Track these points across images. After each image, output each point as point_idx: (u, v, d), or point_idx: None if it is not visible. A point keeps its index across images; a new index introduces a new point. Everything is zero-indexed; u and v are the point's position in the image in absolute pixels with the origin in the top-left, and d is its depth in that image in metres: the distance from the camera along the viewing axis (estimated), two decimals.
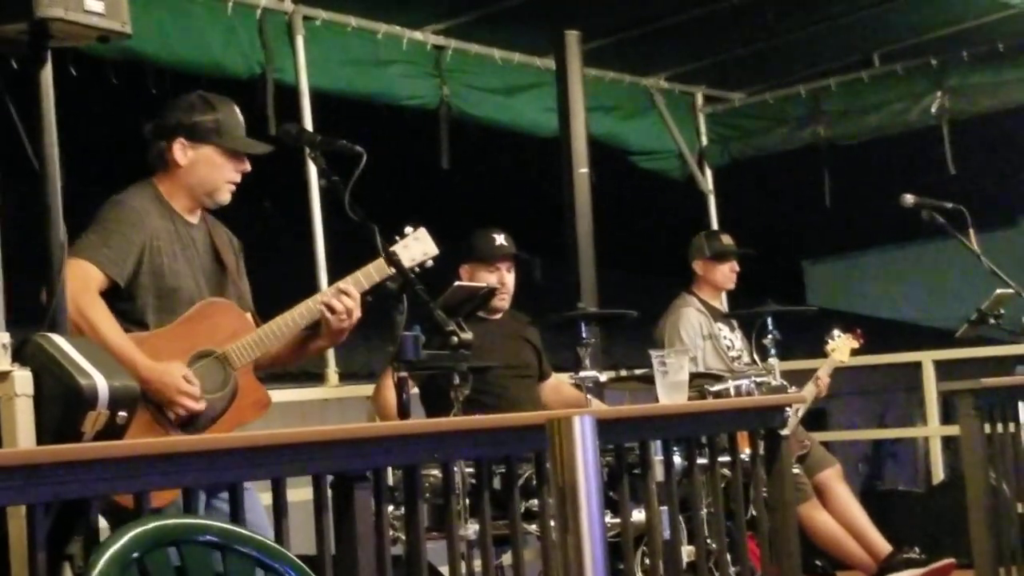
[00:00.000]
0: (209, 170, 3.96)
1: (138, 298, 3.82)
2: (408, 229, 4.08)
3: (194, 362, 3.82)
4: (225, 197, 4.01)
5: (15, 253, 3.23)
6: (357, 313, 3.98)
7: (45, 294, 3.37)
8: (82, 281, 3.69)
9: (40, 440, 3.08)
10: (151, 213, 3.89)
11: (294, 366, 4.24)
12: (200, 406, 3.78)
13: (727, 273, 6.60)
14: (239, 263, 4.11)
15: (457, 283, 4.60)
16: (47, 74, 3.41)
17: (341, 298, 3.96)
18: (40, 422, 3.10)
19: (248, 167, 4.02)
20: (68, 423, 3.13)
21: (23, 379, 3.10)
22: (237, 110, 4.03)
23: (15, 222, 3.25)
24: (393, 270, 3.86)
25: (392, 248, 3.92)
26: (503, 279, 5.41)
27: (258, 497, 3.79)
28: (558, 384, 5.66)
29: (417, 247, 4.06)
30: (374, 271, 3.98)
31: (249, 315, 4.05)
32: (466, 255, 5.43)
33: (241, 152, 3.98)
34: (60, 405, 3.13)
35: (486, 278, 5.26)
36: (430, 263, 4.07)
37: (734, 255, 6.60)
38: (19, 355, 3.16)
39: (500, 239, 5.43)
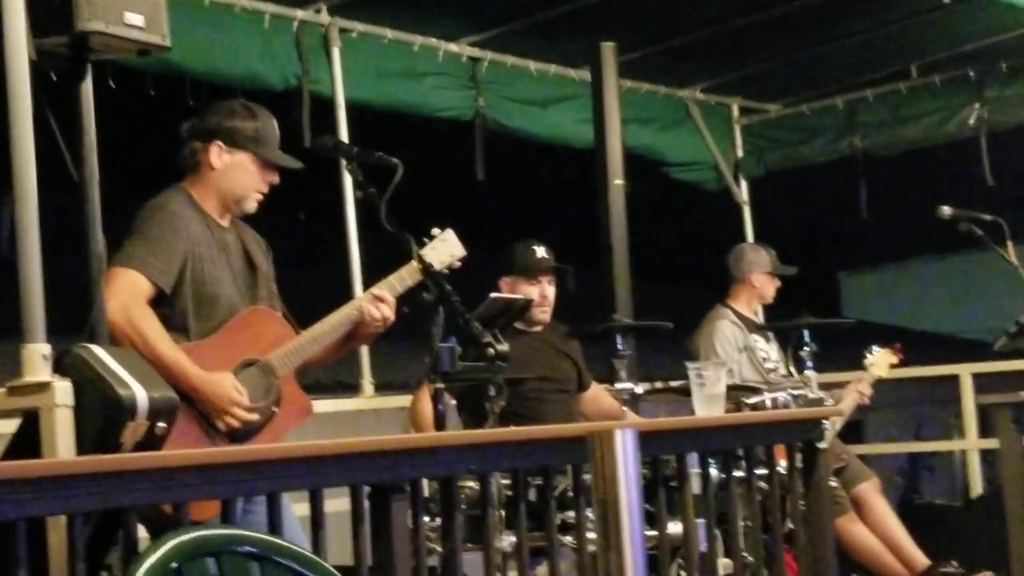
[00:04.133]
0: (241, 177, 3.96)
1: (179, 304, 3.82)
2: (435, 231, 4.09)
3: (239, 371, 3.83)
4: (252, 206, 4.02)
5: (55, 264, 3.25)
6: (391, 317, 4.02)
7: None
8: (131, 292, 3.71)
9: (80, 451, 3.09)
10: (191, 219, 3.90)
11: (323, 364, 4.32)
12: (251, 417, 3.80)
13: (774, 289, 6.59)
14: (269, 264, 4.12)
15: (493, 294, 4.58)
16: (87, 87, 3.43)
17: (377, 304, 3.99)
18: (80, 433, 3.11)
19: (276, 179, 4.02)
20: (107, 434, 3.14)
21: (63, 390, 3.11)
22: (275, 124, 4.04)
23: (55, 233, 3.27)
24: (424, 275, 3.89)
25: (420, 252, 3.92)
26: (544, 292, 5.32)
27: (291, 507, 3.79)
28: (596, 394, 5.58)
29: (445, 249, 4.06)
30: (407, 275, 3.99)
31: (281, 315, 4.07)
32: (506, 268, 5.34)
33: (274, 164, 3.99)
34: (100, 416, 3.14)
35: (527, 291, 5.17)
36: (458, 264, 4.08)
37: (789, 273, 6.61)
38: (59, 366, 3.18)
39: (541, 251, 5.33)
